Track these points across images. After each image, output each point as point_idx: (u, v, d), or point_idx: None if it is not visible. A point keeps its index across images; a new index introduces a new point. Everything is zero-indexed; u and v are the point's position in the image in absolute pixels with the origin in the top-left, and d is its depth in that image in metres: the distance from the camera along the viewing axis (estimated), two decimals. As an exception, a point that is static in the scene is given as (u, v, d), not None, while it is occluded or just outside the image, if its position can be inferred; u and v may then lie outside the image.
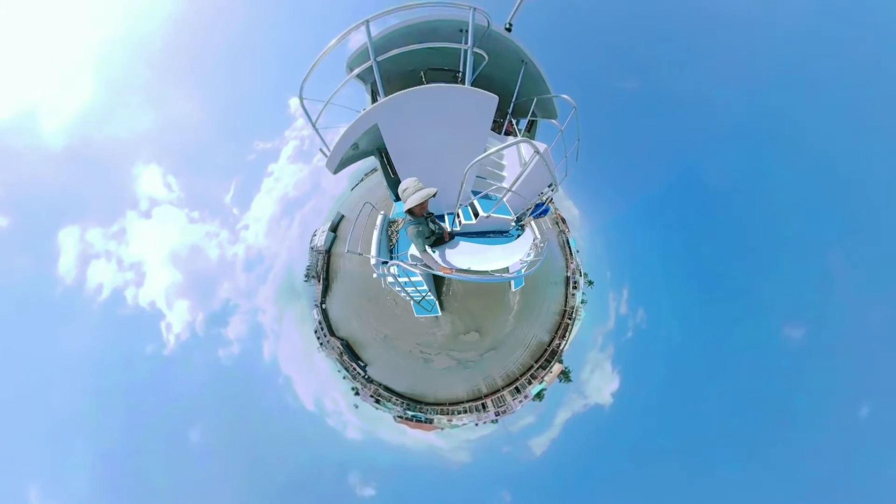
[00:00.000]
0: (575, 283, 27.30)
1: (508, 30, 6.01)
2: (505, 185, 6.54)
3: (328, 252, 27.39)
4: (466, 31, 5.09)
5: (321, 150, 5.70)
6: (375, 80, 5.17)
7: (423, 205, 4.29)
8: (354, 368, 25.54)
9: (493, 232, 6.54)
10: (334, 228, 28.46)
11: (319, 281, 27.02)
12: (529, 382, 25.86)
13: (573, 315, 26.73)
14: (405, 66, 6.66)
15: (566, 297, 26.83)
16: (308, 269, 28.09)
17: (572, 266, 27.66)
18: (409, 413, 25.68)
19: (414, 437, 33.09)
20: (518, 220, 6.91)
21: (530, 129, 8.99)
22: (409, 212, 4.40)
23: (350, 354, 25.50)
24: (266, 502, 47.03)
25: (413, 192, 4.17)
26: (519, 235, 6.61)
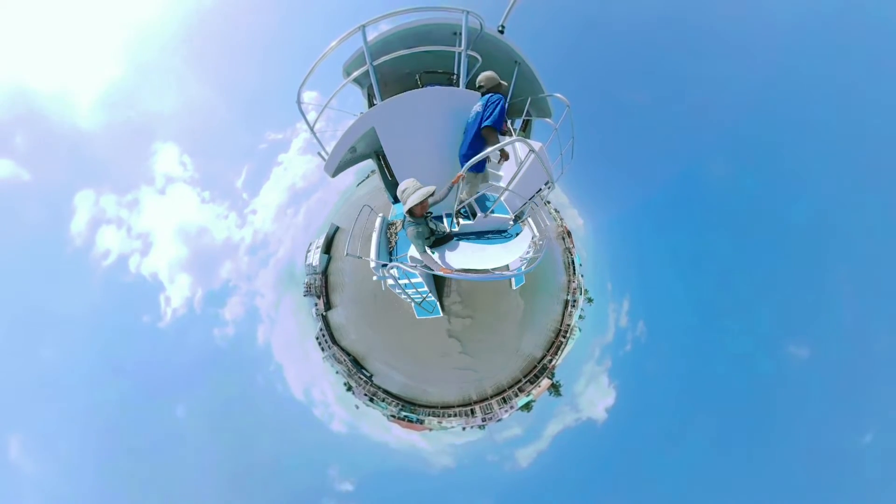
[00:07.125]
0: (574, 301, 27.06)
1: (501, 31, 6.10)
2: (501, 184, 6.59)
3: (324, 273, 27.28)
4: (460, 34, 5.17)
5: (319, 153, 5.76)
6: (372, 84, 5.25)
7: (423, 204, 4.32)
8: (361, 377, 25.67)
9: (492, 231, 6.57)
10: (328, 248, 28.09)
11: (319, 298, 26.96)
12: (516, 395, 26.03)
13: (568, 334, 26.48)
14: (401, 69, 6.74)
15: (563, 315, 26.64)
16: (307, 287, 27.86)
17: (573, 285, 27.32)
18: (403, 413, 25.82)
19: (398, 437, 32.60)
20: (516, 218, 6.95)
21: (525, 129, 9.07)
22: (409, 212, 4.42)
23: (356, 366, 25.62)
24: (244, 485, 46.67)
25: (413, 191, 4.22)
26: (518, 233, 6.65)
